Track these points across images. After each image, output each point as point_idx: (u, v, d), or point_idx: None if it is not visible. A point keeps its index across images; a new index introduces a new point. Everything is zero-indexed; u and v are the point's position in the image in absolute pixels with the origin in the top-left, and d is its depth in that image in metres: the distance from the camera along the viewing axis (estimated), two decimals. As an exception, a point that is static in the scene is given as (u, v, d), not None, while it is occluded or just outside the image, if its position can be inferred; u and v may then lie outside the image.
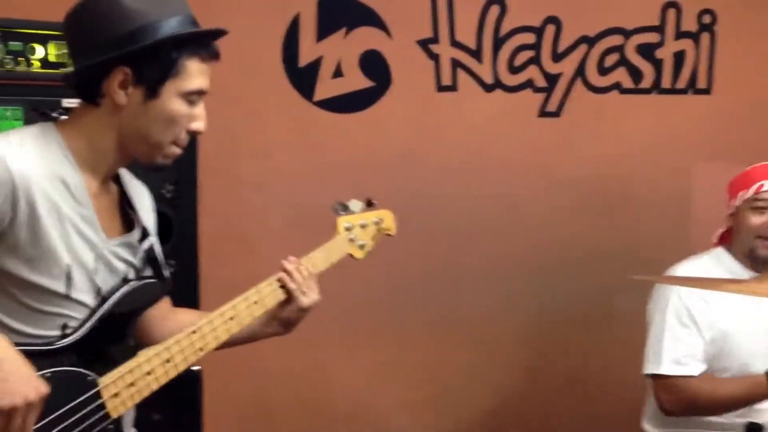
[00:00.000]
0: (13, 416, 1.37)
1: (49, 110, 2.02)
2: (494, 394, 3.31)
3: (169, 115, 1.55)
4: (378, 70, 3.04)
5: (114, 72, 1.52)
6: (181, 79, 1.55)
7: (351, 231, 1.91)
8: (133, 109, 1.54)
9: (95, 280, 1.55)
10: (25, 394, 1.38)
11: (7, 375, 1.37)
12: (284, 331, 1.83)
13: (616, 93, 3.32)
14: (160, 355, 1.59)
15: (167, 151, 1.59)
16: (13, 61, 2.02)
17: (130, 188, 1.70)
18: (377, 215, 1.98)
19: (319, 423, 3.07)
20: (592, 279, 3.34)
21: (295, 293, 1.77)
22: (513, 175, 3.23)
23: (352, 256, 1.93)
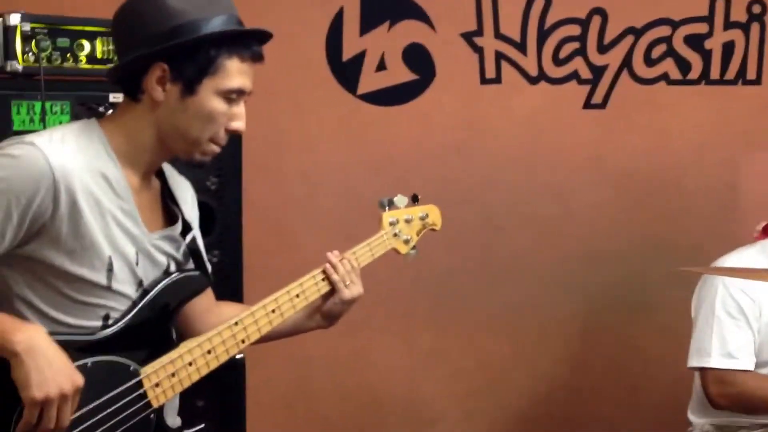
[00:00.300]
0: (47, 407, 1.40)
1: (96, 105, 2.06)
2: (539, 383, 3.30)
3: (207, 113, 1.56)
4: (422, 63, 3.04)
5: (152, 68, 1.54)
6: (219, 77, 1.55)
7: (395, 226, 1.92)
8: (170, 106, 1.56)
9: (137, 272, 1.57)
10: (60, 385, 1.40)
11: (43, 366, 1.39)
12: (327, 324, 1.84)
13: (663, 84, 3.27)
14: (201, 346, 1.60)
15: (205, 149, 1.60)
16: (61, 57, 2.04)
17: (173, 183, 1.72)
18: (423, 210, 1.98)
19: (361, 410, 3.09)
20: (638, 269, 3.31)
21: (339, 285, 1.78)
22: (558, 167, 3.21)
23: (397, 251, 1.93)
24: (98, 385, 1.48)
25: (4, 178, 1.45)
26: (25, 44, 1.99)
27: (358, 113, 2.99)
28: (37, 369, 1.39)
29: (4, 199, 1.44)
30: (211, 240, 2.24)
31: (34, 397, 1.38)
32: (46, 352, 1.41)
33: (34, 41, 1.99)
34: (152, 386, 1.55)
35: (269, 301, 1.71)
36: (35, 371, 1.39)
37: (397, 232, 1.92)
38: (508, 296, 3.22)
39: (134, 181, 1.59)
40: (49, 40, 2.01)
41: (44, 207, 1.46)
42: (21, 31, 1.98)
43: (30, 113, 1.98)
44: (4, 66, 1.99)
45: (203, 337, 1.62)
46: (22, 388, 1.39)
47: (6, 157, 1.48)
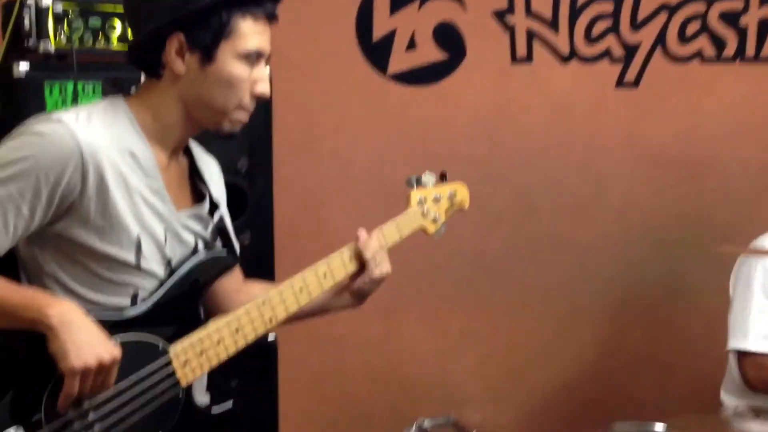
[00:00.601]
0: (86, 377, 1.41)
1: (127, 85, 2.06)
2: (571, 366, 3.29)
3: (228, 78, 1.55)
4: (452, 42, 3.02)
5: (169, 41, 1.53)
6: (235, 40, 1.54)
7: (423, 204, 1.90)
8: (192, 76, 1.55)
9: (165, 251, 1.58)
10: (98, 355, 1.41)
11: (79, 337, 1.41)
12: (356, 303, 1.83)
13: (697, 62, 3.23)
14: (230, 324, 1.61)
15: (233, 117, 1.59)
16: (92, 37, 2.06)
17: (200, 161, 1.72)
18: (451, 188, 1.95)
19: (391, 391, 3.10)
20: (673, 251, 3.28)
21: (369, 264, 1.77)
22: (590, 147, 3.19)
23: (424, 230, 1.91)
24: (128, 364, 1.48)
25: (32, 156, 1.45)
26: (57, 25, 2.01)
27: (389, 93, 2.98)
28: (73, 340, 1.40)
29: (32, 177, 1.44)
30: (243, 221, 2.25)
31: (73, 366, 1.40)
32: (81, 325, 1.42)
33: (66, 22, 2.01)
34: (181, 364, 1.55)
35: (297, 280, 1.70)
36: (72, 342, 1.40)
37: (425, 210, 1.90)
38: (540, 278, 3.21)
39: (162, 158, 1.59)
40: (80, 21, 2.03)
41: (72, 185, 1.46)
42: (53, 12, 2.00)
43: (62, 94, 1.99)
44: (37, 47, 2.01)
45: (231, 316, 1.62)
46: (60, 359, 1.40)
47: (33, 135, 1.47)
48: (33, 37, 2.00)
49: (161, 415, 1.55)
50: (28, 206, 1.45)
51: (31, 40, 2.00)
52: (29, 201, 1.44)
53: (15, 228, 1.45)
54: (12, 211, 1.44)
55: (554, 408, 3.28)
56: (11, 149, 1.47)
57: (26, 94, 1.97)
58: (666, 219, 3.27)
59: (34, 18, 1.99)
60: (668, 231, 3.28)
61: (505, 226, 3.15)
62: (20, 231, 1.46)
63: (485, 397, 3.21)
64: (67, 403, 1.43)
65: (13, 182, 1.44)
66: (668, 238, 3.28)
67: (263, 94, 1.59)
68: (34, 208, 1.45)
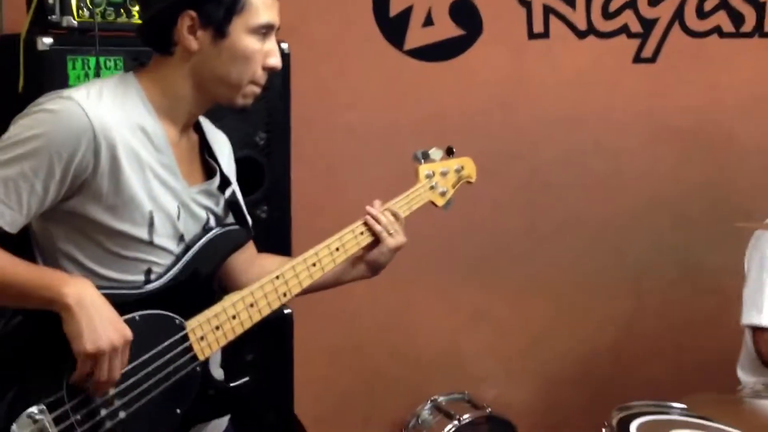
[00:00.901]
0: (99, 360, 1.42)
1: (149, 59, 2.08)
2: (585, 342, 3.30)
3: (242, 53, 1.55)
4: (469, 17, 3.02)
5: (181, 18, 1.52)
6: (246, 14, 1.54)
7: (432, 179, 1.91)
8: (205, 53, 1.55)
9: (178, 226, 1.58)
10: (111, 338, 1.42)
11: (93, 319, 1.41)
12: (371, 273, 1.85)
13: (715, 37, 3.22)
14: (244, 299, 1.62)
15: (246, 91, 1.60)
16: (114, 12, 2.08)
17: (210, 136, 1.72)
18: (458, 162, 1.97)
19: (407, 365, 3.12)
20: (689, 227, 3.29)
21: (382, 235, 1.78)
22: (607, 122, 3.19)
23: (433, 204, 1.93)
24: (146, 339, 1.50)
25: (44, 134, 1.45)
26: (80, 0, 2.02)
27: (405, 69, 2.99)
28: (88, 322, 1.41)
29: (45, 154, 1.44)
30: (260, 195, 2.27)
31: (86, 349, 1.41)
32: (95, 305, 1.43)
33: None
34: (197, 339, 1.57)
35: (309, 255, 1.72)
36: (87, 324, 1.41)
37: (433, 184, 1.92)
38: (555, 255, 3.22)
39: (173, 134, 1.59)
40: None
41: (85, 162, 1.47)
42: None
43: (85, 68, 2.01)
44: (60, 21, 2.04)
45: (246, 291, 1.64)
46: (73, 341, 1.41)
47: (45, 113, 1.47)
48: (57, 12, 2.02)
49: (179, 389, 1.56)
50: (41, 184, 1.45)
51: (54, 15, 2.02)
52: (43, 179, 1.45)
53: (29, 206, 1.46)
54: (26, 189, 1.45)
55: (569, 385, 3.30)
56: (24, 127, 1.47)
57: (49, 68, 1.98)
58: (683, 195, 3.27)
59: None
60: (685, 207, 3.28)
61: (520, 203, 3.16)
62: (34, 208, 1.47)
63: (500, 373, 3.24)
64: (80, 383, 1.45)
65: (26, 160, 1.44)
66: (685, 215, 3.29)
67: (275, 66, 1.60)
68: (47, 186, 1.46)
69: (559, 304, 3.25)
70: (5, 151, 1.46)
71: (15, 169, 1.44)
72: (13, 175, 1.44)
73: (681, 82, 3.22)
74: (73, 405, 1.46)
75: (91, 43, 1.97)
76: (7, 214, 1.45)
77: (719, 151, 3.28)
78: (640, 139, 3.22)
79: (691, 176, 3.27)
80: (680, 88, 3.22)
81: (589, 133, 3.18)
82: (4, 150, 1.46)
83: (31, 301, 1.44)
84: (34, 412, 1.42)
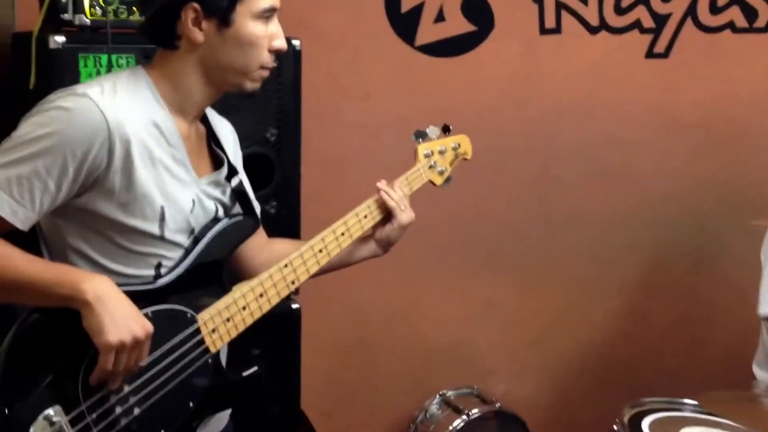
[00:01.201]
0: (121, 352, 1.43)
1: (158, 57, 2.10)
2: (596, 335, 3.29)
3: (248, 39, 1.56)
4: (480, 13, 3.01)
5: (184, 11, 1.53)
6: (249, 0, 1.55)
7: (431, 158, 1.93)
8: (211, 43, 1.55)
9: (189, 220, 1.59)
10: (132, 330, 1.43)
11: (114, 313, 1.42)
12: (383, 251, 1.86)
13: (728, 32, 3.20)
14: (254, 290, 1.64)
15: (255, 75, 1.61)
16: (126, 10, 2.09)
17: (216, 126, 1.73)
18: (455, 140, 1.98)
19: (414, 360, 3.12)
20: (702, 221, 3.28)
21: (396, 211, 1.80)
22: (619, 118, 3.18)
23: (433, 183, 1.94)
24: (159, 335, 1.50)
25: (59, 132, 1.45)
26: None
27: (417, 65, 2.99)
28: (109, 316, 1.41)
29: (59, 153, 1.44)
30: (270, 191, 2.28)
31: (109, 342, 1.41)
32: (115, 299, 1.43)
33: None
34: (209, 332, 1.58)
35: (316, 241, 1.74)
36: (108, 318, 1.41)
37: (432, 164, 1.93)
38: (566, 248, 3.22)
39: (183, 127, 1.60)
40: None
41: (99, 160, 1.47)
42: (88, -15, 2.04)
43: (96, 66, 2.02)
44: (72, 19, 2.05)
45: (255, 281, 1.65)
46: (95, 335, 1.41)
47: (59, 110, 1.47)
48: (69, 10, 2.04)
49: (192, 383, 1.57)
50: (54, 182, 1.45)
51: (67, 13, 2.04)
52: (56, 177, 1.45)
53: (41, 204, 1.46)
54: (39, 187, 1.44)
55: (580, 379, 3.30)
56: (37, 125, 1.46)
57: (61, 66, 1.99)
58: (695, 190, 3.26)
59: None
60: (698, 202, 3.27)
61: (531, 196, 3.16)
62: (46, 206, 1.47)
63: (509, 368, 3.23)
64: (101, 378, 1.45)
65: (39, 158, 1.44)
66: (698, 209, 3.27)
67: (280, 48, 1.61)
68: (60, 184, 1.46)
69: (570, 297, 3.25)
70: (18, 149, 1.45)
71: (28, 168, 1.44)
72: (26, 173, 1.44)
73: (694, 78, 3.20)
74: (89, 404, 1.46)
75: (103, 41, 1.97)
76: (21, 212, 1.45)
77: (732, 145, 3.27)
78: (652, 134, 3.21)
79: (704, 170, 3.26)
80: (693, 84, 3.20)
81: (601, 128, 3.17)
82: (17, 148, 1.46)
83: (49, 299, 1.43)
84: (50, 414, 1.42)
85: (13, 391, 1.42)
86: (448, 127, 1.95)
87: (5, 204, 1.44)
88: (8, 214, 1.44)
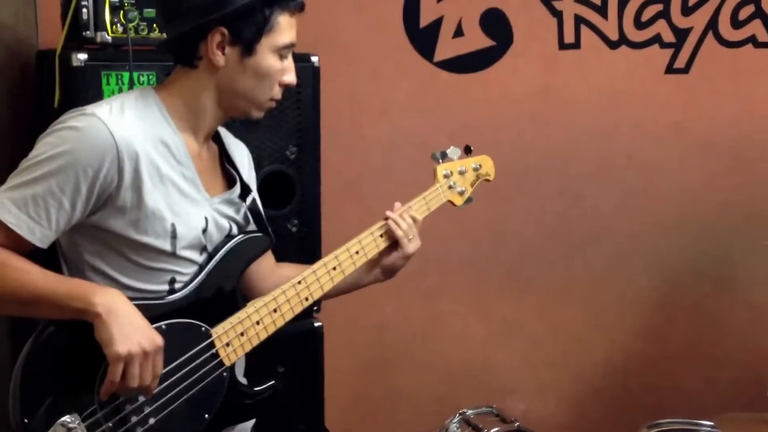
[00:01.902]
0: (130, 364, 1.46)
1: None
2: (615, 355, 3.27)
3: (265, 71, 1.60)
4: (499, 28, 3.02)
5: (211, 34, 1.57)
6: (273, 34, 1.59)
7: (450, 178, 1.92)
8: (230, 68, 1.59)
9: (201, 237, 1.62)
10: (140, 342, 1.46)
11: (124, 325, 1.45)
12: (386, 278, 1.87)
13: (750, 47, 3.19)
14: (268, 305, 1.66)
15: (264, 105, 1.66)
16: (147, 27, 2.11)
17: (230, 146, 1.76)
18: (476, 161, 1.97)
19: (435, 379, 3.12)
20: (722, 241, 3.25)
21: (403, 241, 1.80)
22: (638, 134, 3.16)
23: (452, 203, 1.94)
24: (172, 347, 1.53)
25: (70, 151, 1.48)
26: (113, 15, 2.06)
27: (435, 80, 2.99)
28: (119, 327, 1.44)
29: (71, 171, 1.48)
30: (290, 209, 2.29)
31: (118, 352, 1.44)
32: (126, 313, 1.47)
33: (122, 12, 2.06)
34: (223, 346, 1.61)
35: (330, 259, 1.75)
36: (117, 330, 1.44)
37: (451, 184, 1.93)
38: (586, 267, 3.20)
39: (193, 146, 1.63)
40: (136, 11, 2.08)
41: (110, 178, 1.51)
42: (110, 3, 2.05)
43: (119, 83, 2.04)
44: (94, 37, 2.07)
45: (269, 297, 1.67)
46: (105, 346, 1.45)
47: (69, 130, 1.51)
48: (91, 28, 2.06)
49: (207, 395, 1.60)
50: (69, 200, 1.49)
51: (89, 31, 2.06)
52: (70, 195, 1.49)
53: (57, 222, 1.50)
54: (54, 205, 1.49)
55: (599, 398, 3.28)
56: (49, 145, 1.50)
57: (84, 83, 2.01)
58: (715, 209, 3.23)
59: (92, 9, 2.06)
60: (717, 221, 3.24)
61: (550, 214, 3.15)
62: (62, 224, 1.51)
63: (529, 387, 3.22)
64: (109, 389, 1.48)
65: (53, 177, 1.48)
66: (717, 228, 3.24)
67: (291, 83, 1.65)
68: (74, 202, 1.50)
69: (589, 316, 3.23)
70: (33, 169, 1.50)
71: (43, 187, 1.48)
72: (41, 192, 1.48)
73: (715, 93, 3.18)
74: (105, 413, 1.50)
75: (125, 59, 2.00)
76: (38, 230, 1.49)
77: (753, 163, 3.24)
78: (672, 152, 3.19)
79: (724, 189, 3.23)
80: (713, 100, 3.18)
81: (620, 144, 3.16)
82: (31, 168, 1.50)
83: (63, 312, 1.48)
84: (67, 421, 1.46)
85: (31, 400, 1.47)
86: (469, 148, 1.95)
87: (23, 223, 1.48)
88: (26, 233, 1.49)
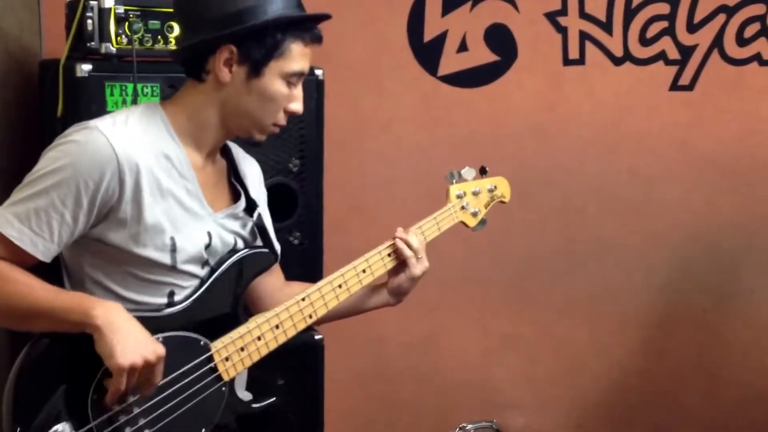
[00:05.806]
0: (132, 375, 1.46)
1: (185, 87, 2.10)
2: (617, 371, 3.26)
3: (270, 95, 1.60)
4: (504, 44, 3.02)
5: (220, 50, 1.57)
6: (283, 60, 1.58)
7: (463, 199, 1.90)
8: (235, 87, 1.59)
9: (202, 251, 1.61)
10: (142, 354, 1.46)
11: (125, 337, 1.45)
12: (395, 301, 1.85)
13: (755, 65, 3.19)
14: (270, 321, 1.65)
15: (266, 129, 1.64)
16: (152, 39, 2.11)
17: (240, 161, 1.75)
18: (491, 182, 1.95)
19: (435, 394, 3.11)
20: (725, 258, 3.24)
21: (410, 261, 1.78)
22: (642, 151, 3.16)
23: (465, 224, 1.91)
24: (171, 360, 1.52)
25: (71, 164, 1.49)
26: (118, 27, 2.06)
27: (439, 95, 2.99)
28: (119, 340, 1.44)
29: (73, 184, 1.49)
30: (293, 221, 2.29)
31: (121, 364, 1.44)
32: (126, 325, 1.47)
33: (126, 24, 2.05)
34: (222, 360, 1.60)
35: (336, 276, 1.73)
36: (118, 342, 1.44)
37: (464, 204, 1.90)
38: (588, 282, 3.19)
39: (197, 160, 1.63)
40: (141, 23, 2.08)
41: (111, 191, 1.51)
42: (115, 14, 2.05)
43: (123, 94, 2.04)
44: (99, 48, 2.07)
45: (271, 313, 1.66)
46: (107, 358, 1.44)
47: (71, 144, 1.51)
48: (95, 39, 2.06)
49: (205, 409, 1.59)
50: (70, 213, 1.49)
51: (93, 42, 2.06)
52: (71, 208, 1.49)
53: (60, 235, 1.50)
54: (56, 219, 1.49)
55: (598, 415, 3.26)
56: (51, 159, 1.51)
57: (88, 94, 2.01)
58: (718, 225, 3.22)
59: (96, 20, 2.05)
60: (720, 238, 3.23)
61: (552, 229, 3.14)
62: (65, 237, 1.51)
63: (529, 402, 3.21)
64: (114, 399, 1.48)
65: (55, 191, 1.49)
66: (720, 245, 3.24)
67: (296, 112, 1.64)
68: (76, 215, 1.50)
69: (590, 332, 3.22)
70: (35, 183, 1.50)
71: (45, 200, 1.49)
72: (43, 206, 1.49)
73: (719, 111, 3.18)
74: (99, 424, 1.49)
75: (129, 70, 2.00)
76: (40, 243, 1.50)
77: (757, 181, 3.23)
78: (675, 168, 3.19)
79: (726, 207, 3.23)
80: (718, 117, 3.18)
81: (624, 161, 3.15)
82: (34, 182, 1.50)
83: (63, 325, 1.48)
84: (58, 429, 1.46)
85: (24, 410, 1.47)
86: (484, 169, 1.93)
87: (25, 237, 1.49)
88: (29, 246, 1.49)
